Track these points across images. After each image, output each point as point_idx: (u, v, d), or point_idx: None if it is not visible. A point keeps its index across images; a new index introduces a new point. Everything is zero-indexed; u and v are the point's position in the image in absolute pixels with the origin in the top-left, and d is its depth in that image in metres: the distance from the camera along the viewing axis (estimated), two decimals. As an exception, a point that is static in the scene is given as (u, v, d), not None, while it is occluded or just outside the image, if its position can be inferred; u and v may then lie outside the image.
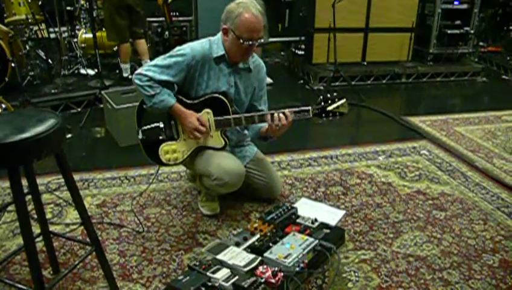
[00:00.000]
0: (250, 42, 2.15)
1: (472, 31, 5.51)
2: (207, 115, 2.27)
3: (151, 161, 2.39)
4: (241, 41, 2.14)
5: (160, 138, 2.33)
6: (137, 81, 2.18)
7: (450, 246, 2.22)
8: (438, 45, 5.47)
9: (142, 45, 4.55)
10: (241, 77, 2.35)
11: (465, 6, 5.44)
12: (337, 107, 2.23)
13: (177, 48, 2.25)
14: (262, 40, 2.23)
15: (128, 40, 4.45)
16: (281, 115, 2.19)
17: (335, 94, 2.25)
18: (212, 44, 2.27)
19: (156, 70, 2.17)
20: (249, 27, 2.13)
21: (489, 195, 2.72)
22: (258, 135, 2.43)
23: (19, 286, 1.70)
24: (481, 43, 6.34)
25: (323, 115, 2.24)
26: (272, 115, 2.25)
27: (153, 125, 2.33)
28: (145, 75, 2.16)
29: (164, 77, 2.18)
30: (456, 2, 5.38)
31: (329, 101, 2.23)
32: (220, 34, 2.29)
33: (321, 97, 2.25)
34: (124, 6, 4.24)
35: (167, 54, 2.23)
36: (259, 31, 2.16)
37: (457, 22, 5.46)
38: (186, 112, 2.24)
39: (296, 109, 2.23)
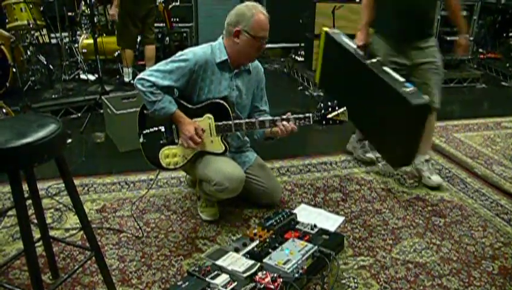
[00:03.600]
0: (263, 41, 2.24)
1: (471, 38, 5.53)
2: (208, 120, 2.28)
3: (152, 165, 2.40)
4: (255, 40, 2.22)
5: (161, 141, 2.34)
6: (139, 86, 2.19)
7: (449, 253, 2.22)
8: (437, 52, 5.49)
9: (151, 51, 4.62)
10: (242, 79, 2.38)
11: (464, 13, 5.43)
12: (338, 115, 2.24)
13: (179, 52, 2.27)
14: (267, 39, 2.30)
15: (134, 47, 4.50)
16: (285, 123, 2.24)
17: (335, 102, 2.26)
18: (214, 49, 2.29)
19: (158, 76, 2.19)
20: (263, 26, 2.23)
21: (489, 202, 2.72)
22: (264, 137, 2.47)
23: (18, 290, 1.70)
24: (480, 50, 6.36)
25: (324, 122, 2.26)
26: (273, 121, 2.26)
27: (154, 129, 2.35)
28: (148, 80, 2.17)
29: (166, 82, 2.19)
30: (455, 9, 5.41)
31: (330, 109, 2.25)
32: (220, 39, 2.31)
33: (321, 105, 2.27)
34: (140, 15, 4.33)
35: (169, 59, 2.25)
36: (268, 30, 2.26)
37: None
38: (186, 119, 2.25)
39: (297, 116, 2.25)
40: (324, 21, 4.86)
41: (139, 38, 4.73)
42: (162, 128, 2.34)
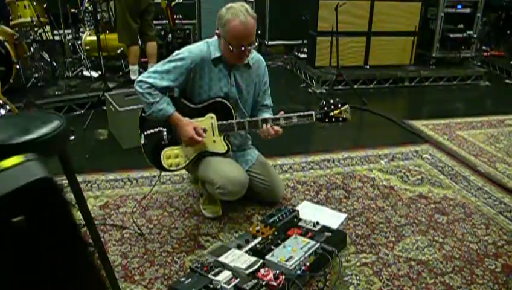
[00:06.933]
0: (242, 48, 2.15)
1: (475, 35, 5.51)
2: (210, 119, 2.27)
3: (153, 166, 2.39)
4: (231, 48, 2.14)
5: (163, 142, 2.33)
6: (138, 88, 2.20)
7: (452, 251, 2.21)
8: (440, 49, 5.47)
9: (152, 47, 4.61)
10: (241, 74, 2.36)
11: (468, 10, 5.44)
12: (340, 112, 2.24)
13: (176, 52, 2.26)
14: (255, 45, 2.23)
15: (138, 42, 4.50)
16: (269, 127, 2.22)
17: (337, 100, 2.26)
18: (209, 46, 2.28)
19: (156, 77, 2.19)
20: (236, 35, 2.12)
21: (492, 199, 2.72)
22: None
23: (22, 286, 1.71)
24: (484, 47, 6.34)
25: (326, 120, 2.26)
26: (276, 119, 2.26)
27: (155, 130, 2.34)
28: (146, 82, 2.18)
29: (165, 83, 2.19)
30: (459, 6, 5.39)
31: (332, 107, 2.24)
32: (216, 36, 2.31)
33: (324, 102, 2.27)
34: (139, 10, 4.33)
35: (166, 59, 2.25)
36: (248, 37, 2.14)
37: (460, 26, 5.47)
38: (184, 120, 2.24)
39: (300, 114, 2.25)
40: (327, 18, 4.85)
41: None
42: (164, 129, 2.33)
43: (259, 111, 2.49)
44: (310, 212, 2.48)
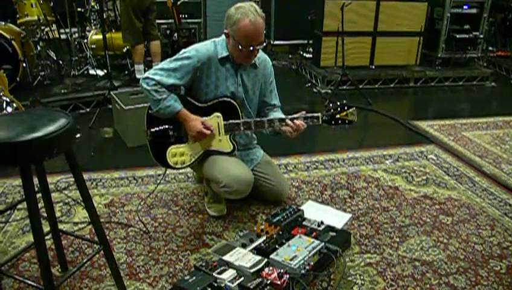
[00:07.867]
0: (251, 48, 2.16)
1: (481, 36, 5.48)
2: (217, 118, 2.28)
3: (159, 164, 2.40)
4: (240, 47, 2.15)
5: (169, 140, 2.34)
6: (144, 85, 2.20)
7: (457, 251, 2.21)
8: (446, 49, 5.44)
9: (156, 46, 4.62)
10: (248, 74, 2.36)
11: (474, 10, 5.42)
12: (347, 115, 2.25)
13: (183, 50, 2.27)
14: (264, 45, 2.23)
15: (142, 41, 4.51)
16: (296, 122, 2.21)
17: (344, 102, 2.26)
18: (216, 45, 2.28)
19: (162, 74, 2.19)
20: (246, 35, 2.12)
21: (497, 201, 2.70)
22: (273, 132, 2.40)
23: (29, 282, 1.72)
24: (490, 48, 6.30)
25: (333, 122, 2.26)
26: (283, 120, 2.26)
27: (162, 127, 2.35)
28: (152, 79, 2.18)
29: (171, 80, 2.20)
30: (465, 7, 5.36)
31: (339, 109, 2.25)
32: (224, 35, 2.31)
33: (330, 104, 2.28)
34: (143, 9, 4.33)
35: (173, 57, 2.25)
36: (258, 37, 2.15)
37: (466, 27, 5.44)
38: (191, 116, 2.25)
39: (306, 115, 2.25)
40: (333, 18, 4.84)
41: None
42: (170, 127, 2.33)
43: (269, 111, 2.49)
44: (314, 211, 2.48)
